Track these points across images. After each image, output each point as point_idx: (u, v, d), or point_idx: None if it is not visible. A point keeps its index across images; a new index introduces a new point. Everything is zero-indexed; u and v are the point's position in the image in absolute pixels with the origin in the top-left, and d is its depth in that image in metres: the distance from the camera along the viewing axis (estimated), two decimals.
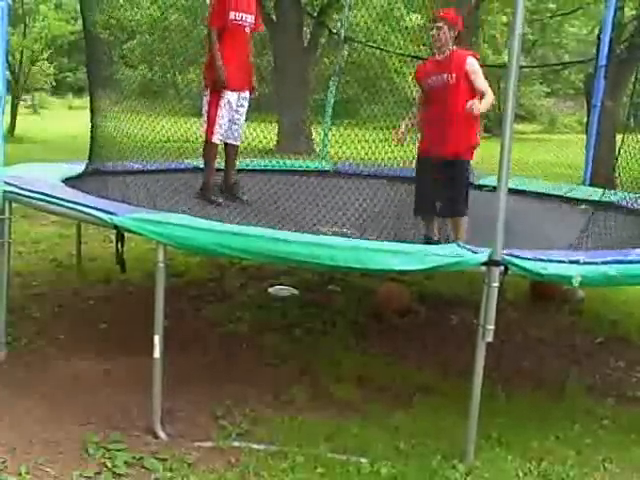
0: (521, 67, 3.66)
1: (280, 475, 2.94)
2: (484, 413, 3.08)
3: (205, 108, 4.96)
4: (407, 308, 5.09)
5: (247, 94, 5.05)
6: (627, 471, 3.15)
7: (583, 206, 5.94)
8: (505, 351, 4.37)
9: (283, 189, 4.71)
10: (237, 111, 5.00)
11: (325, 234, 3.76)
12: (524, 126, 27.60)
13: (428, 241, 4.66)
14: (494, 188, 3.01)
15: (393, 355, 4.29)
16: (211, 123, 4.89)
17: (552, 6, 19.00)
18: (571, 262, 3.01)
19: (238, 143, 5.11)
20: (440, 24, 4.38)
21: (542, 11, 19.73)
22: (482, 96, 4.31)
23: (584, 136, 7.48)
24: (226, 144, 5.09)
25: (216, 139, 4.96)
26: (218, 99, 4.85)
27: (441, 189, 4.46)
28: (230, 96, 4.89)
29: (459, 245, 3.21)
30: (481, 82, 4.35)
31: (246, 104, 5.03)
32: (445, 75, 4.36)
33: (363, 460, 3.05)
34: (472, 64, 4.37)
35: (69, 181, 4.64)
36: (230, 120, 4.97)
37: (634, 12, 12.00)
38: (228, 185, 5.13)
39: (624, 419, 3.62)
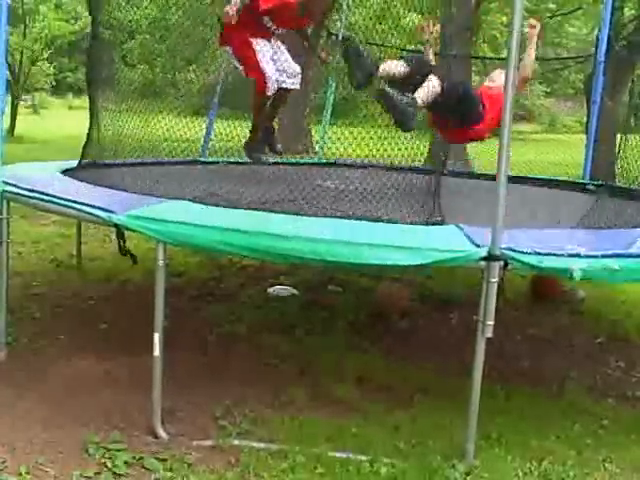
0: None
1: (280, 475, 2.93)
2: (484, 413, 3.07)
3: (238, 59, 4.39)
4: (407, 308, 5.08)
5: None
6: (627, 471, 3.14)
7: (590, 187, 5.95)
8: (505, 350, 4.38)
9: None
10: (275, 51, 4.39)
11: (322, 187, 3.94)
12: (524, 126, 27.57)
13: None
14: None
15: (393, 355, 4.29)
16: (258, 71, 4.22)
17: (552, 6, 19.00)
18: (571, 255, 2.97)
19: (296, 87, 4.43)
20: None
21: (542, 11, 19.70)
22: None
23: (584, 136, 7.48)
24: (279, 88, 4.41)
25: (271, 90, 4.30)
26: (248, 44, 4.27)
27: None
28: (256, 42, 4.33)
29: (458, 226, 3.19)
30: None
31: (281, 44, 4.43)
32: None
33: (363, 459, 3.05)
34: None
35: (67, 172, 4.61)
36: (275, 60, 4.36)
37: (634, 12, 12.01)
38: (270, 133, 4.72)
39: (624, 419, 3.62)
